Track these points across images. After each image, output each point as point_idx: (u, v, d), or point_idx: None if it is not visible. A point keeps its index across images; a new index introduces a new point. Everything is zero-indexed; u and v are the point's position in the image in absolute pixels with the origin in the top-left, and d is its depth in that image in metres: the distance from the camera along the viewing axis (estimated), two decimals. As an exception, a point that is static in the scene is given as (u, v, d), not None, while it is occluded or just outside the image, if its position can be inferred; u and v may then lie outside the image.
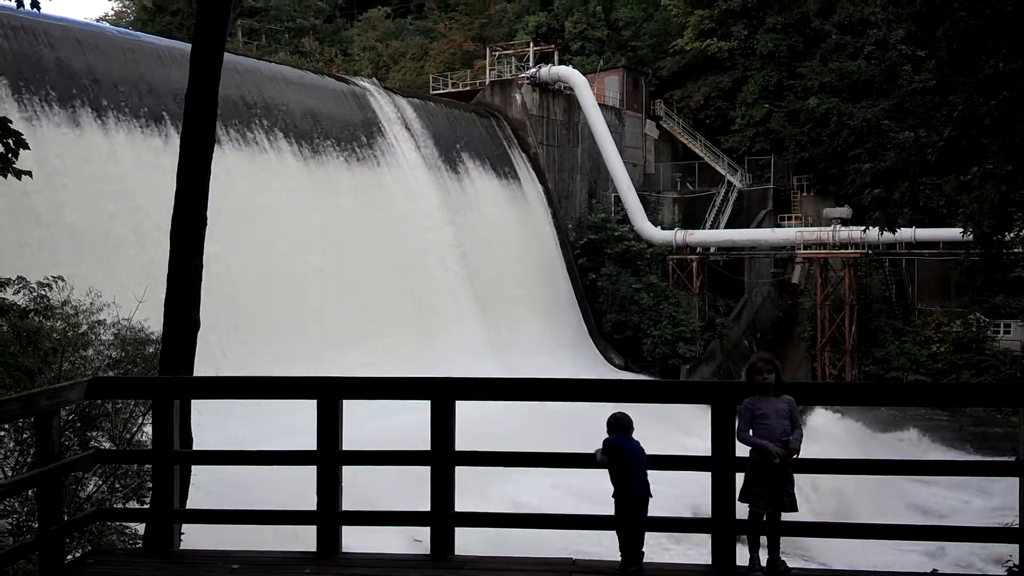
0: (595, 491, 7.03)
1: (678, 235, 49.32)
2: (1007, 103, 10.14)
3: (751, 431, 6.69)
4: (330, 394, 7.35)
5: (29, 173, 9.26)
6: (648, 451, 6.85)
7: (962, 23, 10.31)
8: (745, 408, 6.69)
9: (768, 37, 54.90)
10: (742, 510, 6.87)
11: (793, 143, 53.49)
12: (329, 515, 7.29)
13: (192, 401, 8.28)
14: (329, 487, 7.28)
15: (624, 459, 6.69)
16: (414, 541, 15.94)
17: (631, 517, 6.71)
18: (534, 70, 51.03)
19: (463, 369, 34.73)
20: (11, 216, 24.32)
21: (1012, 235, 13.12)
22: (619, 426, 6.82)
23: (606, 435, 6.85)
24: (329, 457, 7.30)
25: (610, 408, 7.01)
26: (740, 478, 6.92)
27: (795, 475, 6.74)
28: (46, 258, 24.11)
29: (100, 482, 11.20)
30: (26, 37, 27.66)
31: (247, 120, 33.96)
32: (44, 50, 28.01)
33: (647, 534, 6.83)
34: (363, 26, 73.78)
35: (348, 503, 7.51)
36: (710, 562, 6.95)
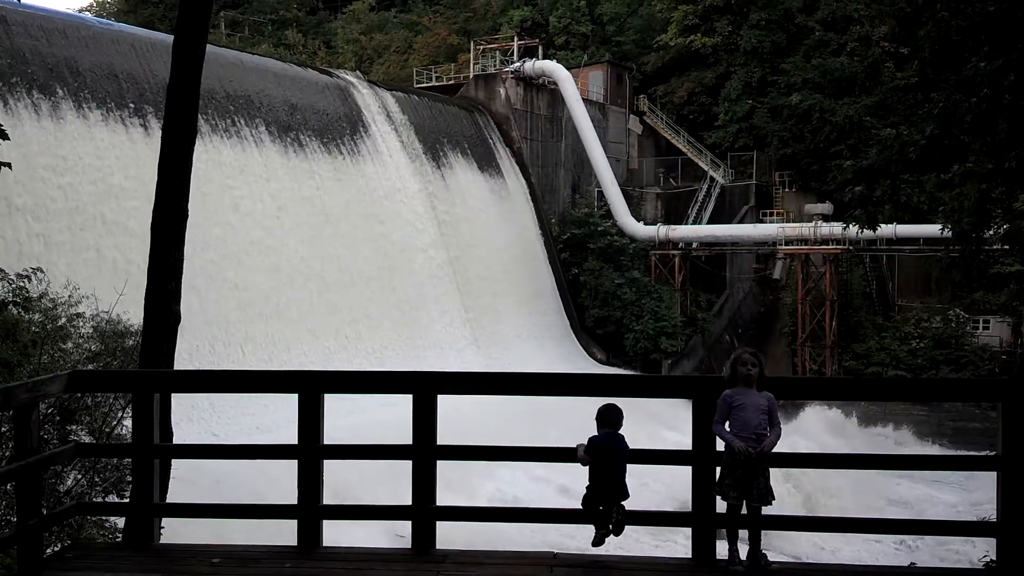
0: (577, 485, 7.05)
1: (661, 230, 49.42)
2: (988, 101, 10.20)
3: (727, 424, 6.69)
4: (311, 388, 7.33)
5: (8, 165, 9.20)
6: (629, 446, 6.86)
7: (944, 24, 10.37)
8: (723, 399, 6.69)
9: (752, 33, 55.05)
10: (723, 504, 6.90)
11: (775, 139, 53.66)
12: (310, 509, 7.27)
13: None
14: (310, 481, 7.26)
15: (607, 461, 6.72)
16: (396, 535, 15.93)
17: (602, 508, 6.77)
18: (518, 64, 51.00)
19: (445, 363, 34.76)
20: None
21: (991, 232, 13.23)
22: (608, 422, 6.81)
23: (593, 427, 6.84)
24: (310, 451, 7.28)
25: (592, 402, 7.01)
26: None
27: (775, 469, 6.77)
28: (24, 250, 23.96)
29: (79, 476, 11.13)
30: (5, 27, 27.39)
31: (229, 113, 33.77)
32: (24, 40, 27.75)
33: (628, 528, 6.84)
34: (347, 19, 73.48)
35: (330, 497, 7.50)
36: (690, 555, 6.98)
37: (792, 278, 49.39)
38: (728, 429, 6.68)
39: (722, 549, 6.88)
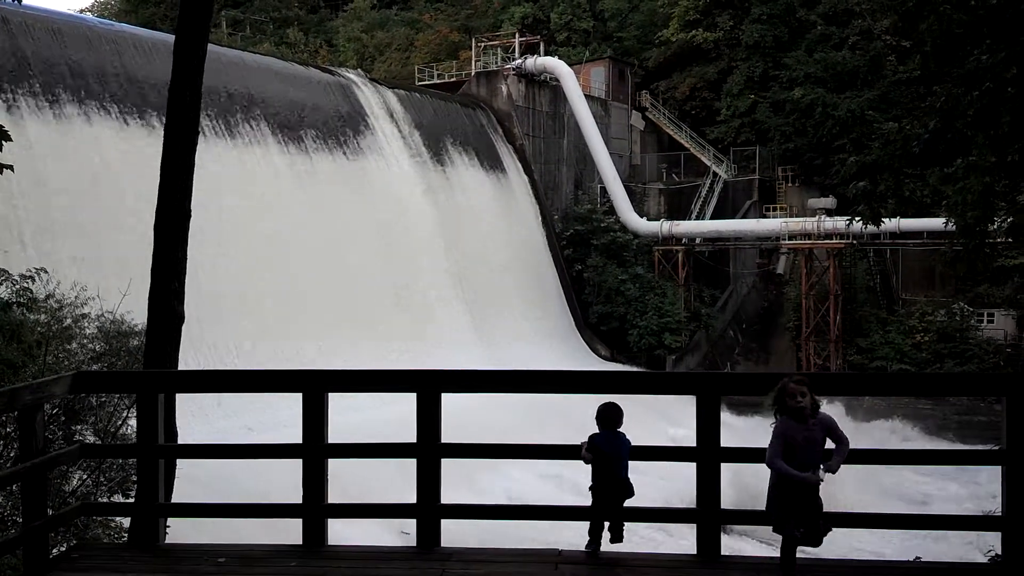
0: (582, 482, 7.05)
1: (664, 226, 49.42)
2: (990, 94, 10.16)
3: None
4: (315, 387, 7.33)
5: (11, 167, 9.18)
6: (634, 442, 6.86)
7: (946, 17, 10.33)
8: (779, 432, 6.13)
9: (753, 27, 55.00)
10: (727, 500, 6.89)
11: (778, 134, 53.61)
12: (315, 508, 7.27)
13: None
14: (315, 480, 7.26)
15: (607, 459, 6.71)
16: (401, 533, 15.94)
17: (607, 507, 6.77)
18: (520, 61, 50.99)
19: (450, 360, 34.74)
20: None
21: (995, 226, 13.18)
22: (608, 421, 6.80)
23: (594, 426, 6.84)
24: (314, 450, 7.28)
25: (596, 399, 7.01)
26: (725, 468, 6.93)
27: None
28: (29, 250, 23.98)
29: (85, 476, 11.16)
30: (7, 29, 27.41)
31: (231, 112, 33.78)
32: (26, 42, 27.77)
33: (632, 524, 6.85)
34: (348, 17, 73.48)
35: (337, 494, 7.50)
36: (695, 552, 6.98)
37: (796, 273, 49.36)
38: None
39: (727, 545, 6.86)
